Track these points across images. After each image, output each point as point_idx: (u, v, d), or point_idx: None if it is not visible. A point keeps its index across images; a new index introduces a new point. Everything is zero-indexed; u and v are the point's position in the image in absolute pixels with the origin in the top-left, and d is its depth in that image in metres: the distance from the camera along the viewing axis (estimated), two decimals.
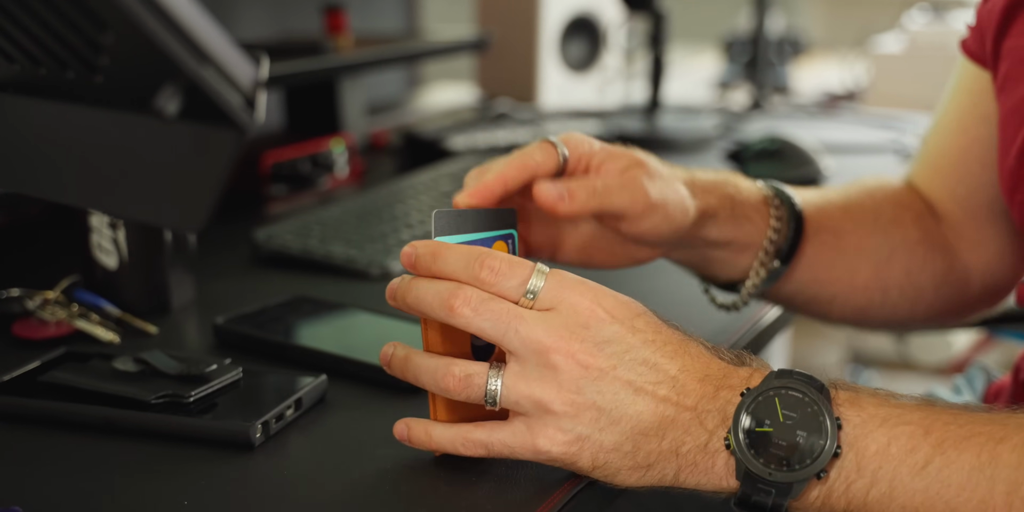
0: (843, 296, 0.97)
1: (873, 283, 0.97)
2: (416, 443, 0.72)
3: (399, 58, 1.78)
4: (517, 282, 0.68)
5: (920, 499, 0.63)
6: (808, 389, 0.66)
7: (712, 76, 2.62)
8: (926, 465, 0.63)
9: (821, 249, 0.94)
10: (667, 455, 0.66)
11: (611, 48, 2.24)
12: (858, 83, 2.32)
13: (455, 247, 0.70)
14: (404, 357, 0.71)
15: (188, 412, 0.77)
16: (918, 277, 0.99)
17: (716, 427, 0.66)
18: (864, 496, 0.64)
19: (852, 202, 0.98)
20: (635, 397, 0.66)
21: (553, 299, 0.68)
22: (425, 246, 0.70)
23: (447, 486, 0.70)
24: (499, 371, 0.68)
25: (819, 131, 1.88)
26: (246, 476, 0.72)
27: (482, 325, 0.67)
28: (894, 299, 0.99)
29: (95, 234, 1.00)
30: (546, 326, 0.67)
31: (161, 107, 0.55)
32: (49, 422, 0.77)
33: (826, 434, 0.64)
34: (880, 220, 0.98)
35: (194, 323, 1.01)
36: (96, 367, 0.82)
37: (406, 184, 1.42)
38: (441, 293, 0.68)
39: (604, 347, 0.67)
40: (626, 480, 0.68)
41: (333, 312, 0.98)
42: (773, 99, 2.27)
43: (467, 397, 0.68)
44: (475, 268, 0.68)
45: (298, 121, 1.78)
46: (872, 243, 0.97)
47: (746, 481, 0.65)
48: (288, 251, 1.17)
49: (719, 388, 0.67)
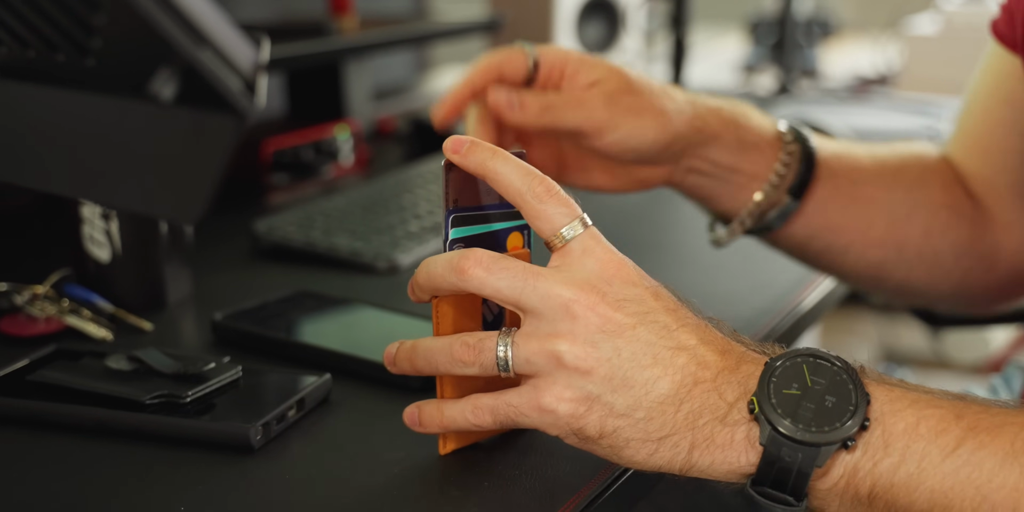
0: (858, 247, 0.98)
1: (889, 238, 0.98)
2: (427, 423, 0.72)
3: (407, 40, 1.78)
4: (565, 211, 0.68)
5: (950, 483, 0.62)
6: (837, 359, 0.66)
7: (737, 59, 2.62)
8: (957, 447, 0.62)
9: (835, 193, 0.95)
10: (682, 428, 0.65)
11: (630, 29, 2.23)
12: (891, 66, 2.32)
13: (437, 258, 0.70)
14: (411, 347, 0.71)
15: (185, 413, 0.76)
16: (938, 241, 0.99)
17: (736, 399, 0.65)
18: (891, 476, 0.63)
19: (876, 157, 1.00)
20: (653, 361, 0.66)
21: (582, 249, 0.68)
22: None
23: (458, 491, 0.70)
24: (510, 332, 0.68)
25: (849, 117, 1.87)
26: (245, 481, 0.71)
27: (497, 284, 0.67)
28: (910, 258, 1.00)
29: (87, 225, 1.00)
30: (565, 280, 0.67)
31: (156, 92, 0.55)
32: (38, 423, 0.77)
33: (855, 401, 0.64)
34: (902, 177, 1.00)
35: (191, 319, 1.01)
36: (88, 366, 0.82)
37: (414, 173, 1.42)
38: (450, 259, 0.68)
39: (625, 305, 0.67)
40: (635, 455, 0.67)
41: (337, 307, 0.98)
42: (801, 83, 2.27)
43: (480, 365, 0.68)
44: (533, 184, 0.68)
45: (301, 107, 1.78)
46: (890, 197, 0.98)
47: (771, 444, 0.64)
48: (290, 243, 1.17)
49: (740, 362, 0.67)
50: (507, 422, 0.69)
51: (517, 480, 0.71)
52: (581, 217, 0.68)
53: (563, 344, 0.66)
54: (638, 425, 0.66)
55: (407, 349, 0.71)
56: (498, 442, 0.76)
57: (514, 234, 0.75)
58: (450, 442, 0.74)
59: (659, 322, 0.67)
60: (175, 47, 0.53)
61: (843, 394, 0.65)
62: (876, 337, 2.86)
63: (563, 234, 0.68)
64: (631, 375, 0.66)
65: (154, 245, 1.01)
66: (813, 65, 2.41)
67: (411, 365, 0.71)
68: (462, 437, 0.75)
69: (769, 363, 0.66)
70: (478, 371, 0.68)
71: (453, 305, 0.71)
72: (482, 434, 0.76)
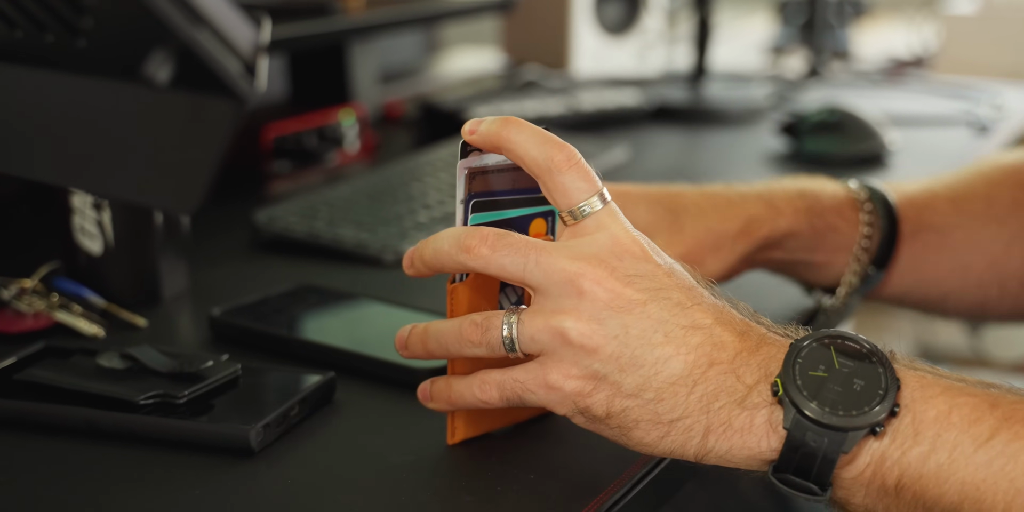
0: (957, 294, 0.99)
1: (988, 277, 0.99)
2: (436, 398, 0.73)
3: (415, 20, 1.78)
4: (584, 186, 0.68)
5: (982, 475, 0.62)
6: (866, 342, 0.66)
7: (764, 40, 2.62)
8: (991, 437, 0.62)
9: (924, 250, 0.96)
10: (695, 411, 0.65)
11: (652, 9, 2.23)
12: (927, 48, 2.31)
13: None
14: (423, 330, 0.72)
15: (180, 414, 0.76)
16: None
17: (756, 382, 0.65)
18: (920, 466, 0.63)
19: (961, 191, 1.00)
20: (664, 339, 0.66)
21: (596, 225, 0.68)
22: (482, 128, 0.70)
23: (470, 496, 0.70)
24: (516, 310, 0.68)
25: (883, 101, 1.87)
26: (245, 485, 0.71)
27: (501, 262, 0.67)
28: (1015, 291, 1.00)
29: (77, 216, 1.00)
30: (572, 254, 0.67)
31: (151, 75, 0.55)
32: (26, 425, 0.77)
33: (885, 385, 0.64)
34: (994, 207, 0.99)
35: (187, 315, 1.01)
36: (78, 364, 0.82)
37: (423, 160, 1.42)
38: (458, 236, 0.69)
39: (635, 280, 0.67)
40: (644, 437, 0.67)
41: (342, 302, 0.98)
42: (832, 66, 2.26)
43: (488, 344, 0.68)
44: (552, 152, 0.68)
45: (303, 90, 1.78)
46: (985, 235, 0.98)
47: (796, 427, 0.63)
48: (292, 235, 1.17)
49: (761, 344, 0.67)
50: (513, 398, 0.69)
51: (532, 485, 0.71)
52: (600, 192, 0.68)
53: (568, 320, 0.66)
54: (647, 406, 0.66)
55: (419, 332, 0.72)
56: (512, 439, 0.76)
57: (537, 220, 0.75)
58: (459, 431, 0.75)
59: (672, 299, 0.67)
60: (170, 27, 0.53)
61: (872, 378, 0.64)
62: (911, 333, 2.86)
63: (580, 209, 0.68)
64: (640, 353, 0.66)
65: (148, 237, 1.01)
66: (845, 46, 2.41)
67: (424, 348, 0.72)
68: (471, 426, 0.75)
69: (795, 344, 0.66)
70: (486, 351, 0.69)
71: (469, 290, 0.72)
72: (492, 423, 0.76)
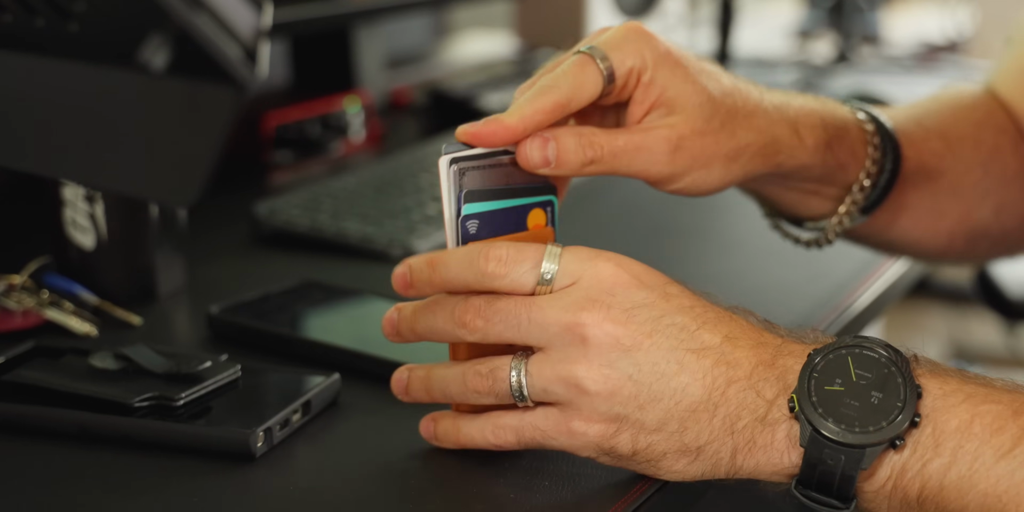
0: (923, 242, 0.98)
1: (959, 227, 0.97)
2: (443, 439, 0.73)
3: (424, 2, 1.78)
4: (529, 266, 0.69)
5: (1004, 486, 0.62)
6: (885, 350, 0.66)
7: (790, 23, 2.61)
8: (1013, 448, 0.63)
9: (910, 194, 0.92)
10: (720, 434, 0.66)
11: None
12: (961, 32, 2.30)
13: (451, 251, 0.71)
14: (424, 376, 0.73)
15: (177, 417, 0.77)
16: (1007, 219, 0.99)
17: (776, 396, 0.66)
18: (941, 478, 0.63)
19: (950, 129, 0.97)
20: (678, 368, 0.67)
21: (573, 274, 0.69)
22: (417, 259, 0.71)
23: (480, 504, 0.70)
24: (523, 359, 0.69)
25: (915, 88, 1.86)
26: (245, 491, 0.72)
27: (497, 329, 0.68)
28: (983, 249, 1.01)
29: (68, 209, 1.00)
30: (563, 303, 0.67)
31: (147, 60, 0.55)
32: (15, 428, 0.77)
33: (904, 397, 0.64)
34: (981, 150, 0.98)
35: (184, 313, 1.01)
36: (70, 364, 0.82)
37: (432, 150, 1.41)
38: (454, 311, 0.69)
39: (635, 313, 0.67)
40: (672, 467, 0.68)
41: (347, 300, 0.98)
42: (861, 50, 2.26)
43: (495, 394, 0.69)
44: (480, 263, 0.69)
45: (306, 76, 1.78)
46: (967, 181, 0.97)
47: (812, 446, 0.64)
48: (294, 228, 1.17)
49: (777, 356, 0.67)
50: (532, 444, 0.70)
51: (546, 491, 0.71)
52: (545, 254, 0.69)
53: (579, 369, 0.67)
54: (672, 437, 0.67)
55: (421, 378, 0.73)
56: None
57: (535, 211, 0.75)
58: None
59: (676, 324, 0.68)
60: (167, 10, 0.53)
61: (891, 389, 0.65)
62: (945, 332, 2.86)
63: (545, 279, 0.69)
64: (657, 388, 0.67)
65: (143, 230, 1.01)
66: (875, 30, 2.40)
67: (427, 394, 0.73)
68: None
69: (811, 356, 0.67)
70: (494, 400, 0.70)
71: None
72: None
